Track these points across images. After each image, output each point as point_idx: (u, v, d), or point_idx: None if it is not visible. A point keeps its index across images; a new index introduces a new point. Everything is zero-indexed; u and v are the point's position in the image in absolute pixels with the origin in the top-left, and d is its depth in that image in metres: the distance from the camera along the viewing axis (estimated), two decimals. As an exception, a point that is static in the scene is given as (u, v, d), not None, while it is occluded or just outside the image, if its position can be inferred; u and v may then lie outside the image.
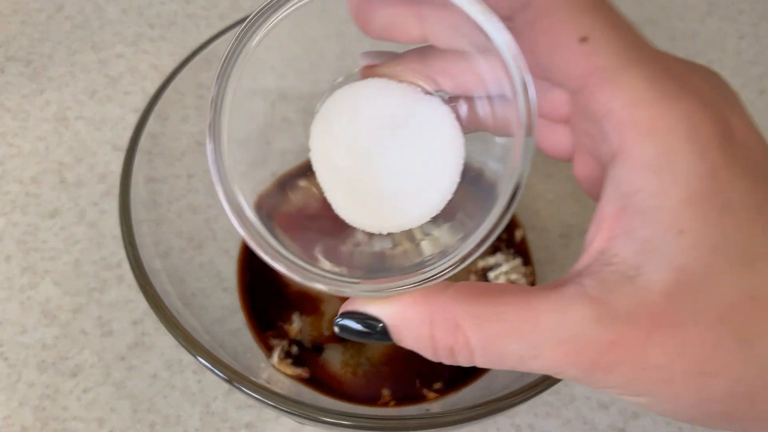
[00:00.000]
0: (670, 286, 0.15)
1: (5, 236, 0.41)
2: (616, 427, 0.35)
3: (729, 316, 0.15)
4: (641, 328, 0.15)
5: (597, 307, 0.16)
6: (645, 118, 0.15)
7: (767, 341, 0.15)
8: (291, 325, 0.36)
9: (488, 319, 0.17)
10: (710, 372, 0.16)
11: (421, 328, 0.18)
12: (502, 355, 0.17)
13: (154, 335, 0.37)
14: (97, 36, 0.51)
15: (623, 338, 0.16)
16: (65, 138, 0.45)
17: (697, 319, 0.15)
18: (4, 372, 0.36)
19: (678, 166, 0.15)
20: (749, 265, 0.15)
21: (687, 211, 0.15)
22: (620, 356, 0.16)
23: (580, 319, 0.16)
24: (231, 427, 0.35)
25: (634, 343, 0.15)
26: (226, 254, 0.38)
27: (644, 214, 0.16)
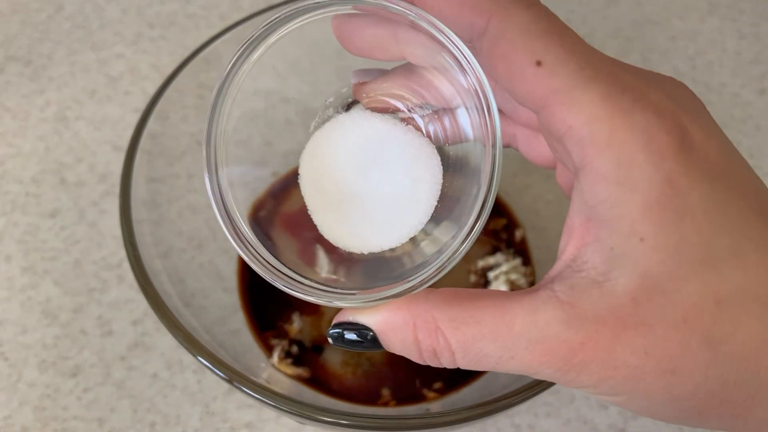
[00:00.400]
0: (635, 290, 0.16)
1: (5, 236, 0.41)
2: (616, 427, 0.35)
3: (694, 317, 0.16)
4: (609, 329, 0.16)
5: (567, 310, 0.17)
6: (603, 133, 0.16)
7: (732, 342, 0.16)
8: (291, 324, 0.36)
9: (465, 322, 0.18)
10: (678, 371, 0.16)
11: (405, 332, 0.19)
12: (480, 356, 0.18)
13: (155, 335, 0.37)
14: (97, 36, 0.51)
15: (592, 339, 0.16)
16: (65, 138, 0.45)
17: (663, 321, 0.16)
18: (5, 372, 0.36)
19: (635, 176, 0.16)
20: (712, 266, 0.16)
21: (646, 219, 0.16)
22: (590, 356, 0.16)
23: (551, 321, 0.17)
24: (231, 427, 0.35)
25: (602, 344, 0.16)
26: (226, 254, 0.38)
27: (608, 223, 0.17)
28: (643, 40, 0.51)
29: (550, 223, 0.39)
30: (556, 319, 0.17)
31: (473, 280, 0.38)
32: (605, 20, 0.52)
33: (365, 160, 0.21)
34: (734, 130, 0.47)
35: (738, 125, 0.48)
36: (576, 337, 0.17)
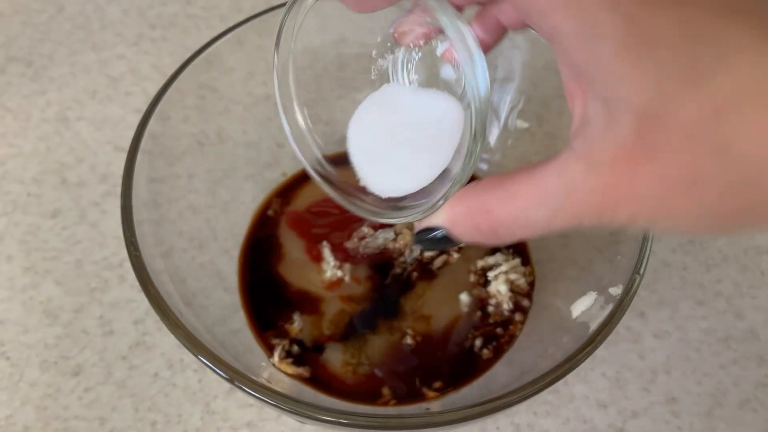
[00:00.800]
0: (636, 125, 0.17)
1: (7, 236, 0.41)
2: (615, 427, 0.35)
3: (697, 132, 0.17)
4: (624, 167, 0.18)
5: (585, 160, 0.19)
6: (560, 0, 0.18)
7: (739, 144, 0.17)
8: (291, 324, 0.36)
9: (509, 199, 0.20)
10: (698, 182, 0.17)
11: (466, 222, 0.22)
12: (531, 223, 0.20)
13: (156, 335, 0.37)
14: (98, 36, 0.51)
15: (612, 180, 0.18)
16: (66, 138, 0.45)
17: (670, 144, 0.17)
18: (6, 371, 0.36)
19: (599, 27, 0.17)
20: (699, 80, 0.17)
21: (622, 61, 0.17)
22: (616, 195, 0.18)
23: (575, 175, 0.19)
24: (232, 426, 0.35)
25: (623, 182, 0.18)
26: (227, 254, 0.38)
27: (593, 78, 0.18)
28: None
29: (549, 223, 0.39)
30: (578, 172, 0.19)
31: (473, 279, 0.38)
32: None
33: (399, 123, 0.26)
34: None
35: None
36: (599, 182, 0.18)
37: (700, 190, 0.17)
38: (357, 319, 0.36)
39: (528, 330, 0.36)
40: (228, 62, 0.37)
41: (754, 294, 0.40)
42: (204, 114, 0.37)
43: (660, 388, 0.37)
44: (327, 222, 0.40)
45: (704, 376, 0.37)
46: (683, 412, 0.36)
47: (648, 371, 0.37)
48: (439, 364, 0.35)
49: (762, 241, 0.42)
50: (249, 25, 0.36)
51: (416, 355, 0.35)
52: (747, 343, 0.38)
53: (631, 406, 0.36)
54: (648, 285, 0.40)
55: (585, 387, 0.36)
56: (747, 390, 0.37)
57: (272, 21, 0.37)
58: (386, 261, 0.38)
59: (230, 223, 0.39)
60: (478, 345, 0.35)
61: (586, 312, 0.31)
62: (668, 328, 0.39)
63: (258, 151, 0.41)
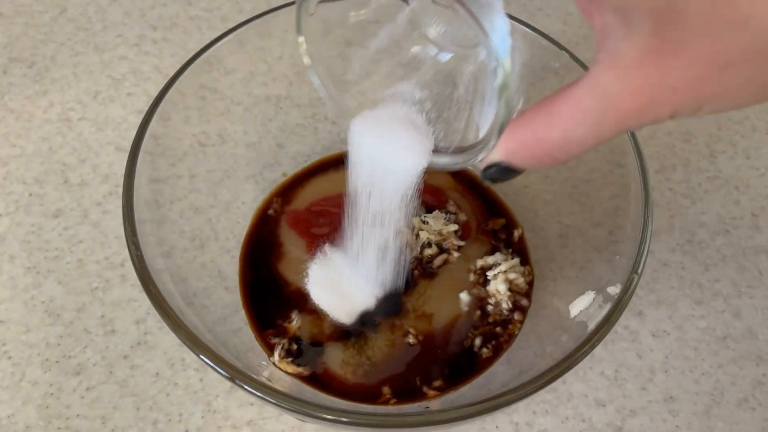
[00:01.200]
0: (653, 25, 0.18)
1: (9, 236, 0.41)
2: (614, 425, 0.35)
3: (713, 13, 0.17)
4: (652, 64, 0.19)
5: (613, 70, 0.19)
6: None
7: (759, 14, 0.17)
8: (291, 323, 0.36)
9: (554, 122, 0.21)
10: (728, 60, 0.18)
11: (522, 152, 0.23)
12: (581, 140, 0.21)
13: (157, 334, 0.38)
14: (100, 38, 0.52)
15: (645, 81, 0.19)
16: (68, 139, 0.46)
17: (690, 31, 0.18)
18: (8, 371, 0.37)
19: None
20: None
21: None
22: (652, 93, 0.19)
23: (608, 85, 0.20)
24: (233, 425, 0.35)
25: (654, 78, 0.19)
26: (228, 254, 0.38)
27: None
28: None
29: (547, 223, 0.39)
30: (610, 82, 0.19)
31: (472, 279, 0.38)
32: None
33: None
34: (731, 131, 0.48)
35: (734, 126, 0.48)
36: (631, 85, 0.19)
37: (731, 67, 0.18)
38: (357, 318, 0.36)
39: (527, 329, 0.36)
40: (229, 63, 0.37)
41: (752, 294, 0.40)
42: (205, 115, 0.37)
43: (658, 387, 0.37)
44: (327, 221, 0.40)
45: (702, 375, 0.37)
46: (681, 410, 0.36)
47: (646, 370, 0.37)
48: (438, 362, 0.35)
49: (760, 241, 0.42)
50: (250, 26, 0.36)
51: (416, 354, 0.35)
52: (745, 342, 0.38)
53: (629, 404, 0.36)
54: (646, 284, 0.40)
55: (583, 386, 0.37)
56: (745, 389, 0.37)
57: (273, 22, 0.37)
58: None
59: (231, 222, 0.39)
60: (477, 344, 0.36)
61: (585, 311, 0.31)
62: (666, 327, 0.39)
63: (258, 151, 0.41)
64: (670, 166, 0.46)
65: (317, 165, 0.43)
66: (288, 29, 0.38)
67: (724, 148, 0.47)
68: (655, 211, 0.43)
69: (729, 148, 0.47)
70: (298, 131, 0.43)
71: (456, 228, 0.39)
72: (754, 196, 0.44)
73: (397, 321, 0.36)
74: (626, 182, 0.33)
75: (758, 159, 0.46)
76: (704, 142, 0.47)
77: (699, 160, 0.46)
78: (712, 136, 0.47)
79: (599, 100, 0.20)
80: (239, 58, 0.37)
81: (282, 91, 0.41)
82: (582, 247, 0.36)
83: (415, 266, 0.38)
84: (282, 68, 0.40)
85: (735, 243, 0.42)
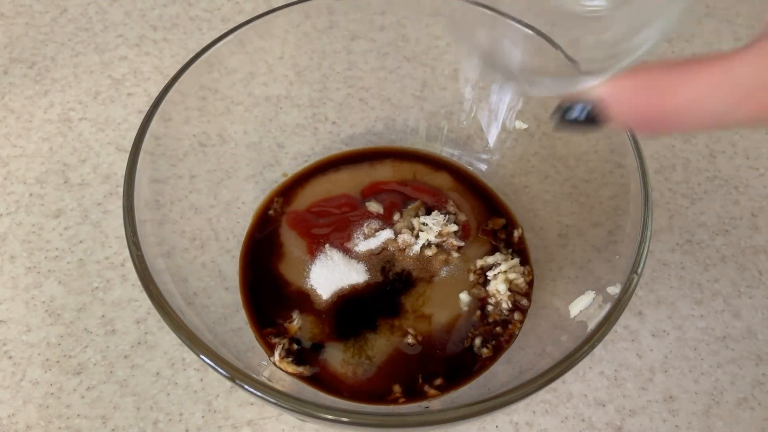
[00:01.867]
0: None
1: (10, 236, 0.41)
2: (613, 425, 0.35)
3: None
4: None
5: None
6: None
7: None
8: (291, 323, 0.36)
9: (691, 80, 0.18)
10: None
11: (633, 98, 0.19)
12: (708, 112, 0.19)
13: (157, 334, 0.38)
14: (100, 38, 0.52)
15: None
16: (69, 139, 0.46)
17: None
18: (9, 370, 0.37)
19: None
20: None
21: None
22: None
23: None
24: (233, 424, 0.35)
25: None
26: (228, 254, 0.38)
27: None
28: (641, 42, 0.51)
29: (547, 223, 0.39)
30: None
31: (472, 279, 0.38)
32: (604, 22, 0.53)
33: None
34: (730, 131, 0.48)
35: (735, 126, 0.48)
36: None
37: None
38: (357, 318, 0.37)
39: (527, 329, 0.36)
40: (229, 63, 0.37)
41: (752, 294, 0.40)
42: (205, 115, 0.37)
43: (658, 387, 0.37)
44: (327, 222, 0.40)
45: (702, 375, 0.37)
46: (681, 410, 0.36)
47: (646, 370, 0.37)
48: (438, 362, 0.35)
49: (760, 241, 0.42)
50: (250, 27, 0.36)
51: (416, 354, 0.35)
52: (744, 342, 0.38)
53: (629, 404, 0.36)
54: (646, 284, 0.40)
55: (583, 385, 0.37)
56: (744, 389, 0.37)
57: (273, 22, 0.37)
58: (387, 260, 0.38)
59: (231, 222, 0.39)
60: (477, 344, 0.36)
61: (585, 311, 0.31)
62: (666, 327, 0.39)
63: (259, 151, 0.41)
64: (670, 166, 0.46)
65: (317, 165, 0.43)
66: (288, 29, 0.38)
67: (724, 149, 0.47)
68: (655, 211, 0.43)
69: (728, 148, 0.47)
70: (298, 131, 0.43)
71: (456, 228, 0.39)
72: (754, 196, 0.44)
73: (396, 321, 0.36)
74: (626, 182, 0.33)
75: (758, 159, 0.46)
76: (704, 142, 0.47)
77: (698, 160, 0.46)
78: (712, 137, 0.47)
79: (756, 76, 0.18)
80: (240, 58, 0.37)
81: (282, 91, 0.41)
82: (582, 247, 0.36)
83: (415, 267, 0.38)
84: (282, 68, 0.40)
85: (734, 243, 0.42)
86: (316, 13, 0.38)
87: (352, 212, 0.40)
